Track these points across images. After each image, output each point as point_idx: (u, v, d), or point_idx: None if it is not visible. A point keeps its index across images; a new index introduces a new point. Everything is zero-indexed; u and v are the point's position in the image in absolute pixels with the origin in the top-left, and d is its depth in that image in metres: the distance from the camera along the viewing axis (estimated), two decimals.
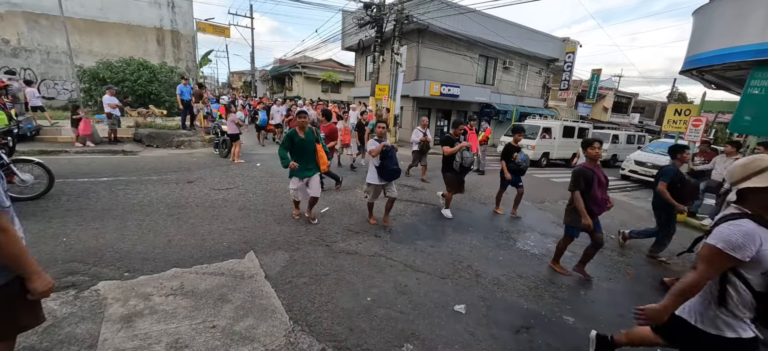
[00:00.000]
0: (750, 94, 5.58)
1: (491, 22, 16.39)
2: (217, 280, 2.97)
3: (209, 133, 10.37)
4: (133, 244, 3.51)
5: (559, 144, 13.38)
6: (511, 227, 5.27)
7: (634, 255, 4.72)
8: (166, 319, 2.43)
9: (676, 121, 7.42)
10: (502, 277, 3.59)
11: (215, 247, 3.61)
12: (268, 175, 7.05)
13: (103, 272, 2.94)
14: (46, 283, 1.41)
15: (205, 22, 20.67)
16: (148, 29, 16.35)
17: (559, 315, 3.00)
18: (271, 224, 4.38)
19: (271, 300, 2.77)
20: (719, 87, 8.60)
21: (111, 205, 4.56)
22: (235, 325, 2.42)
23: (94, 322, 2.34)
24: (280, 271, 3.23)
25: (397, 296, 3.01)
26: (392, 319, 2.68)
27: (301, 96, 22.96)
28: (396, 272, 3.44)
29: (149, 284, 2.82)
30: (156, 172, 6.62)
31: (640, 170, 10.90)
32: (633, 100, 32.52)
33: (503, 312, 2.96)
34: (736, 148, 6.38)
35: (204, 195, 5.37)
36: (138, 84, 13.69)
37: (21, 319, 1.48)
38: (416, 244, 4.19)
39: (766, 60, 5.34)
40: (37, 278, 1.39)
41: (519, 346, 2.56)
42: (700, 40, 6.58)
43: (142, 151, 8.72)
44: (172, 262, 3.20)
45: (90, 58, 14.35)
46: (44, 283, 1.41)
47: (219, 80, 52.29)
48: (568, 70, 20.24)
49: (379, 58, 14.43)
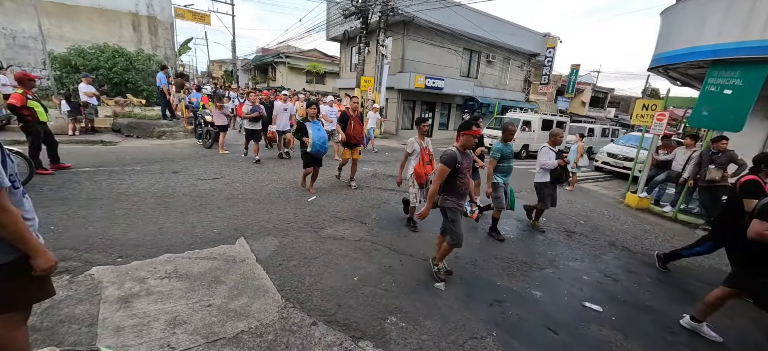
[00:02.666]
0: (707, 91, 6.05)
1: (475, 16, 16.66)
2: (210, 264, 3.10)
3: (191, 123, 10.21)
4: (123, 231, 3.57)
5: (538, 136, 13.89)
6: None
7: (601, 241, 5.10)
8: (162, 299, 2.55)
9: (643, 115, 7.91)
10: (480, 258, 3.88)
11: (206, 234, 3.71)
12: (254, 165, 7.10)
13: (95, 258, 3.01)
14: (48, 260, 1.52)
15: (184, 9, 19.94)
16: (123, 14, 15.69)
17: (529, 290, 3.31)
18: (259, 212, 4.50)
19: (263, 281, 2.93)
20: (684, 84, 9.20)
21: (96, 195, 4.55)
22: (230, 304, 2.58)
23: (92, 303, 2.44)
24: (271, 255, 3.39)
25: (382, 276, 3.23)
26: (377, 296, 2.90)
27: (286, 86, 22.67)
28: (381, 255, 3.66)
29: (143, 268, 2.92)
30: (139, 162, 6.55)
31: (611, 162, 11.53)
32: (609, 95, 33.82)
33: (479, 289, 3.24)
34: (695, 141, 6.94)
35: (191, 185, 5.41)
36: (113, 72, 13.23)
37: (30, 292, 1.59)
38: (400, 230, 4.42)
39: (722, 60, 5.81)
40: (40, 255, 1.49)
41: (491, 316, 2.83)
42: (666, 40, 7.03)
43: (121, 142, 8.53)
44: (164, 248, 3.29)
45: (60, 44, 13.68)
46: (47, 260, 1.51)
47: (198, 69, 50.61)
48: (548, 65, 20.86)
49: (364, 50, 14.45)
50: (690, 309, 3.07)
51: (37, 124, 5.21)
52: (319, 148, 5.28)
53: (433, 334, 2.51)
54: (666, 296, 3.54)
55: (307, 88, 25.76)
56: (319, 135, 5.25)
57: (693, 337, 2.88)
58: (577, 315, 3.01)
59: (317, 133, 5.24)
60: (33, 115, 5.16)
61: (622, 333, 2.81)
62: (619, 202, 7.76)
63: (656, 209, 7.10)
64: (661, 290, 3.66)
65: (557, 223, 5.59)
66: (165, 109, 10.64)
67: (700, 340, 2.84)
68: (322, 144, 5.27)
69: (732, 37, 5.64)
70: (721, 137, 5.95)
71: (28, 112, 5.09)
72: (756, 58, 5.41)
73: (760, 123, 6.91)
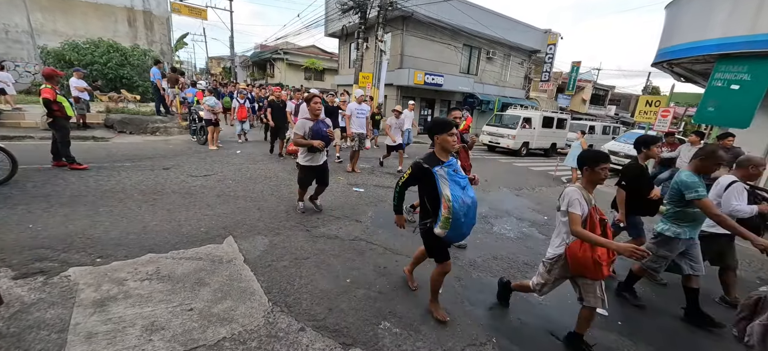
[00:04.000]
0: (714, 86, 5.91)
1: (476, 11, 16.46)
2: (195, 265, 2.94)
3: (186, 119, 10.02)
4: (105, 230, 3.41)
5: (539, 134, 13.74)
6: (489, 212, 5.43)
7: None
8: (141, 303, 2.40)
9: (646, 112, 7.77)
10: (478, 259, 3.73)
11: (192, 232, 3.55)
12: (248, 162, 6.94)
13: (73, 258, 2.85)
14: None
15: (181, 3, 19.71)
16: (118, 9, 15.47)
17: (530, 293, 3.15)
18: (250, 210, 4.34)
19: (250, 283, 2.77)
20: (687, 80, 9.04)
21: (81, 192, 4.39)
22: (212, 308, 2.42)
23: (65, 307, 2.28)
24: (260, 256, 3.23)
25: (377, 278, 3.08)
26: (371, 299, 2.75)
27: (284, 83, 22.46)
28: (376, 255, 3.51)
29: (123, 270, 2.76)
30: (129, 158, 6.38)
31: (613, 159, 11.36)
32: (610, 93, 33.62)
33: (478, 291, 3.09)
34: (700, 138, 6.77)
35: (181, 181, 5.24)
36: (108, 67, 13.02)
37: None
38: (396, 229, 4.24)
39: (729, 54, 5.64)
40: None
41: (491, 321, 2.68)
42: (671, 34, 6.87)
43: (113, 138, 8.36)
44: (147, 248, 3.13)
45: (54, 39, 13.49)
46: None
47: (196, 65, 50.32)
48: (549, 62, 20.67)
49: (363, 46, 14.25)
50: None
51: (64, 118, 5.24)
52: None
53: (429, 341, 2.36)
54: (675, 299, 3.39)
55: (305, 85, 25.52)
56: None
57: (702, 341, 2.74)
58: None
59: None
60: (61, 110, 5.18)
61: (630, 338, 2.66)
62: None
63: (661, 208, 6.94)
64: (670, 293, 3.51)
65: None
66: (159, 104, 10.44)
67: (713, 343, 2.70)
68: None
69: (740, 31, 5.48)
70: (727, 134, 5.76)
71: (57, 107, 5.12)
72: (765, 52, 5.25)
73: (766, 118, 6.74)
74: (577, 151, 8.20)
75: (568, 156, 8.41)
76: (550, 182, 8.71)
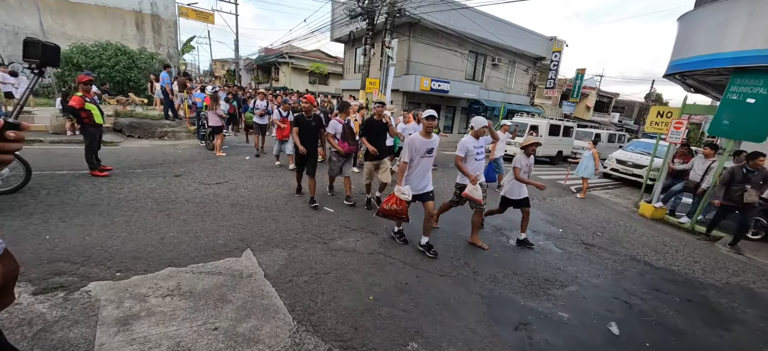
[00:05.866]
0: (729, 99, 5.85)
1: (482, 19, 16.48)
2: (215, 280, 2.90)
3: (194, 124, 10.02)
4: (122, 241, 3.37)
5: (545, 141, 13.69)
6: (503, 224, 5.38)
7: (622, 255, 4.89)
8: (164, 321, 2.35)
9: (658, 123, 7.71)
10: (499, 274, 3.67)
11: (210, 244, 3.51)
12: (259, 169, 6.91)
13: (92, 272, 2.81)
14: None
15: (188, 7, 19.84)
16: (126, 12, 15.56)
17: (555, 311, 3.10)
18: (266, 221, 4.30)
19: (272, 300, 2.72)
20: (698, 91, 9.00)
21: (95, 200, 4.36)
22: (237, 327, 2.37)
23: (88, 325, 2.24)
24: (280, 270, 3.18)
25: (399, 294, 3.03)
26: (395, 318, 2.70)
27: (289, 87, 22.49)
28: (396, 270, 3.46)
29: (144, 284, 2.72)
30: (141, 164, 6.36)
31: (621, 169, 11.30)
32: (613, 100, 33.61)
33: (501, 309, 3.03)
34: (715, 151, 6.71)
35: (193, 189, 5.21)
36: (116, 70, 13.06)
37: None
38: (412, 242, 4.21)
39: (745, 67, 5.60)
40: None
41: (518, 342, 2.62)
42: (684, 46, 6.83)
43: (122, 142, 8.35)
44: (166, 261, 3.09)
45: (63, 41, 13.51)
46: None
47: (200, 68, 50.47)
48: (554, 69, 20.67)
49: (369, 51, 14.27)
50: (722, 332, 2.86)
51: (92, 125, 5.26)
52: None
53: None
54: (698, 319, 3.33)
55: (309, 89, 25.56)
56: None
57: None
58: (608, 339, 2.80)
59: None
60: (89, 117, 5.20)
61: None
62: (633, 211, 7.54)
63: (672, 220, 6.88)
64: (692, 312, 3.45)
65: (574, 234, 5.38)
66: (168, 109, 10.45)
67: None
68: None
69: (756, 44, 5.42)
70: (759, 154, 5.38)
71: (85, 114, 5.15)
72: None
73: None
74: (589, 161, 8.14)
75: (579, 166, 8.34)
76: (560, 192, 8.65)
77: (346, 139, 5.15)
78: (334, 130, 5.08)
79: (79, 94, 5.13)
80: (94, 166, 5.38)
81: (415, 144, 3.65)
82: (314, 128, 4.92)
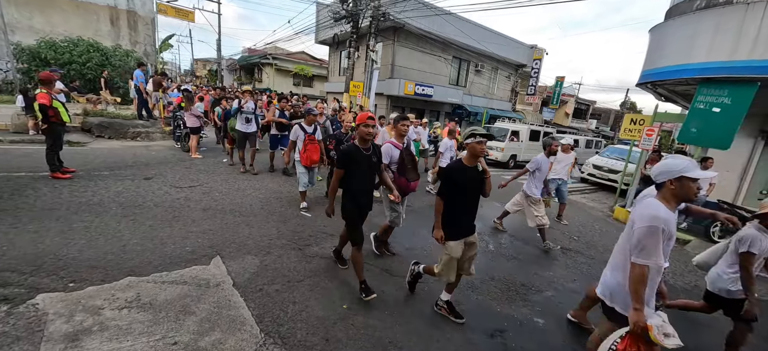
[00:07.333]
0: (697, 108, 6.11)
1: (466, 25, 16.74)
2: (179, 290, 2.73)
3: (169, 124, 9.65)
4: (79, 249, 3.15)
5: (526, 147, 13.97)
6: (482, 229, 5.39)
7: (597, 259, 4.98)
8: (119, 336, 2.18)
9: (631, 130, 7.98)
10: (476, 280, 3.65)
11: (177, 252, 3.33)
12: (235, 172, 6.69)
13: (43, 283, 2.60)
14: None
15: (167, 4, 19.22)
16: (100, 7, 14.93)
17: (531, 318, 3.10)
18: (239, 226, 4.14)
19: (239, 310, 2.59)
20: (668, 99, 9.39)
21: (53, 204, 4.08)
22: (199, 341, 2.23)
23: (32, 342, 2.05)
24: (250, 278, 3.05)
25: (375, 302, 2.94)
26: (370, 327, 2.62)
27: (272, 88, 22.11)
28: (372, 277, 3.37)
29: (99, 296, 2.53)
30: (108, 166, 6.04)
31: (597, 174, 11.65)
32: (591, 107, 34.80)
33: (477, 316, 3.00)
34: None
35: (164, 193, 4.97)
36: (87, 67, 12.48)
37: None
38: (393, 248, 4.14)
39: (711, 78, 5.87)
40: None
41: (494, 349, 2.59)
42: (655, 56, 7.10)
43: (91, 142, 7.93)
44: (127, 270, 2.90)
45: (29, 35, 12.83)
46: None
47: (181, 67, 49.09)
48: (535, 76, 21.22)
49: (354, 54, 14.21)
50: (694, 336, 2.92)
51: (59, 124, 5.02)
52: None
53: None
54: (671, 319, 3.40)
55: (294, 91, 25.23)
56: None
57: None
58: (583, 345, 2.81)
59: None
60: (57, 115, 4.94)
61: None
62: (608, 216, 7.75)
63: None
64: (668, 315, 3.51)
65: (551, 238, 5.44)
66: (141, 108, 10.03)
67: None
68: None
69: (721, 57, 5.70)
70: (707, 158, 5.91)
71: (52, 112, 4.88)
72: (744, 77, 5.48)
73: (744, 140, 7.03)
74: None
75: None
76: None
77: (405, 172, 3.48)
78: (389, 159, 3.43)
79: (44, 90, 4.82)
80: (55, 167, 5.05)
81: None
82: (376, 165, 2.94)
